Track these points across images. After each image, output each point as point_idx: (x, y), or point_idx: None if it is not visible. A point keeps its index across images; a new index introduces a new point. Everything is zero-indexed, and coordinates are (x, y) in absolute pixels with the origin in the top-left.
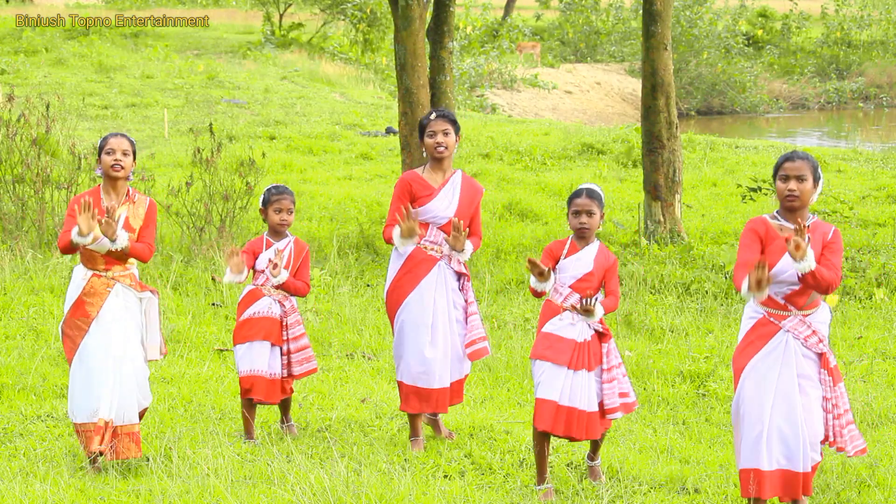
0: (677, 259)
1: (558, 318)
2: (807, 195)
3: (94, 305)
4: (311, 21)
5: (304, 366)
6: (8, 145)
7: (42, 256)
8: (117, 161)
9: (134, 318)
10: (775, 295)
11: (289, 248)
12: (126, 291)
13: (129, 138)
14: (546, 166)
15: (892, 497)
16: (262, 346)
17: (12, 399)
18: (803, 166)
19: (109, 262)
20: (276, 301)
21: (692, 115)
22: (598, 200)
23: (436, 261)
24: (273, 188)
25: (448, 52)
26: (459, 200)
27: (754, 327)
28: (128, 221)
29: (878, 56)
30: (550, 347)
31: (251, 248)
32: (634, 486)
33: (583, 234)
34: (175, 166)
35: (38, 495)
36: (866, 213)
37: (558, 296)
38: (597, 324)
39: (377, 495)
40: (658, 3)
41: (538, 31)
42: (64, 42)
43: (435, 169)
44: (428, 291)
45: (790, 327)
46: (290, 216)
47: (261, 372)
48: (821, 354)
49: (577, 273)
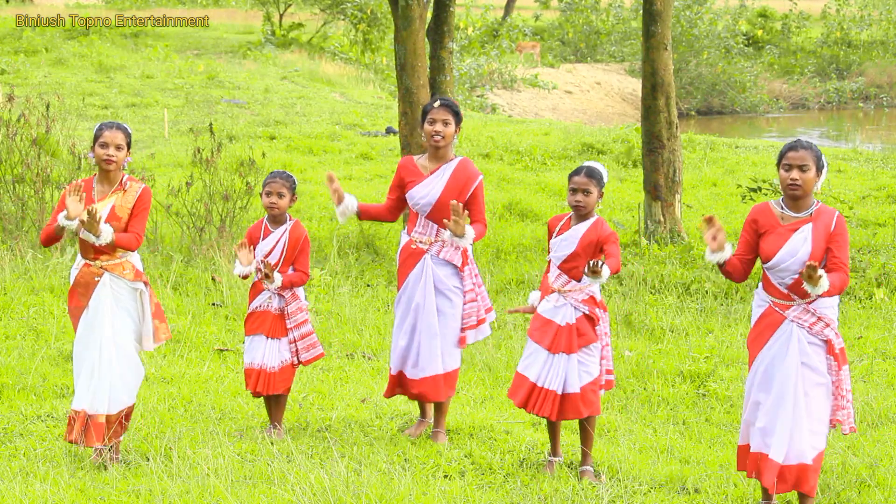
0: (677, 259)
1: (546, 300)
2: (809, 185)
3: (84, 295)
4: (311, 21)
5: (311, 352)
6: (8, 145)
7: (42, 256)
8: (109, 156)
9: (125, 308)
10: (779, 284)
11: (282, 240)
12: (115, 281)
13: (124, 129)
14: (546, 166)
15: (892, 497)
16: (259, 341)
17: (12, 399)
18: (806, 156)
19: (98, 251)
20: (274, 294)
21: (692, 115)
22: (596, 179)
23: (422, 254)
24: (271, 173)
25: (448, 52)
26: (445, 187)
27: (762, 317)
28: (114, 211)
29: (878, 56)
30: (538, 329)
31: (250, 234)
32: (634, 486)
33: (579, 212)
34: (175, 166)
35: (38, 495)
36: (866, 213)
37: (551, 275)
38: (582, 306)
39: (377, 495)
40: (658, 3)
41: (538, 31)
42: (64, 42)
43: (431, 156)
44: (411, 285)
45: (794, 317)
46: (282, 200)
47: (259, 365)
48: (826, 340)
49: (562, 254)
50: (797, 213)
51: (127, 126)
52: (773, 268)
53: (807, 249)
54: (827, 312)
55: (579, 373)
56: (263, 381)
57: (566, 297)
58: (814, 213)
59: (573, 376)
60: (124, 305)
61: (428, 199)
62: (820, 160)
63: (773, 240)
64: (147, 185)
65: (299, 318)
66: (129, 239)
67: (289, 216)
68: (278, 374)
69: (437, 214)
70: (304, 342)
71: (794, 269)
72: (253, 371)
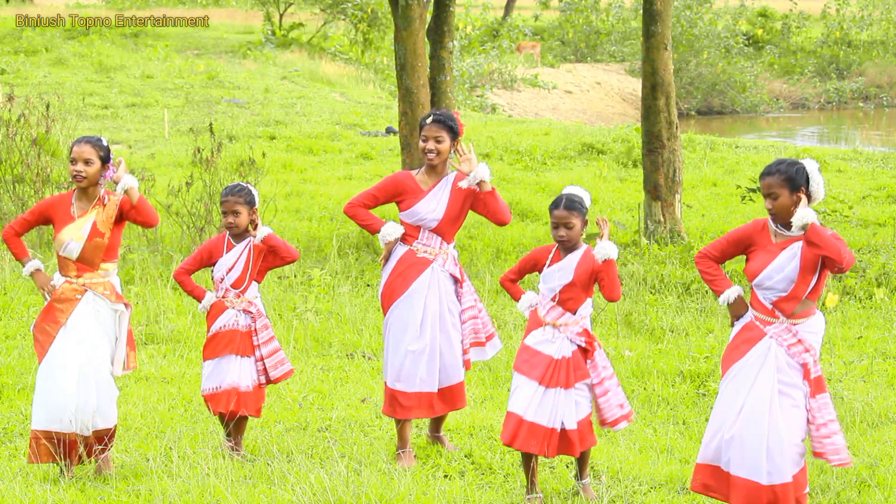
0: (677, 259)
1: (540, 331)
2: (782, 209)
3: (63, 312)
4: (312, 21)
5: (280, 369)
6: (8, 145)
7: (42, 256)
8: (78, 171)
9: (105, 328)
10: (764, 300)
11: (244, 253)
12: (97, 300)
13: (94, 143)
14: (546, 166)
15: (893, 497)
16: (230, 361)
17: (12, 399)
18: (773, 182)
19: (81, 268)
20: (240, 311)
21: (692, 115)
22: (577, 210)
23: (429, 263)
24: (226, 188)
25: (448, 52)
26: (449, 201)
27: (742, 330)
28: (95, 227)
29: (879, 56)
30: (527, 361)
31: (210, 249)
32: (634, 486)
33: (564, 246)
34: (175, 166)
35: (38, 495)
36: (866, 213)
37: (542, 308)
38: (578, 338)
39: (377, 495)
40: (658, 3)
41: (538, 31)
42: (64, 42)
43: (428, 171)
44: (419, 293)
45: (774, 333)
46: (239, 218)
47: (233, 385)
48: (803, 364)
49: (558, 284)
50: (789, 231)
51: (101, 139)
52: (759, 285)
53: (794, 266)
54: (809, 338)
55: (576, 408)
56: (238, 401)
57: (561, 331)
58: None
59: (570, 412)
60: (103, 326)
61: (435, 214)
62: (793, 181)
63: (762, 257)
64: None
65: (266, 335)
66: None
67: (250, 229)
68: (252, 393)
69: (442, 228)
70: (272, 359)
71: (780, 287)
72: (221, 393)
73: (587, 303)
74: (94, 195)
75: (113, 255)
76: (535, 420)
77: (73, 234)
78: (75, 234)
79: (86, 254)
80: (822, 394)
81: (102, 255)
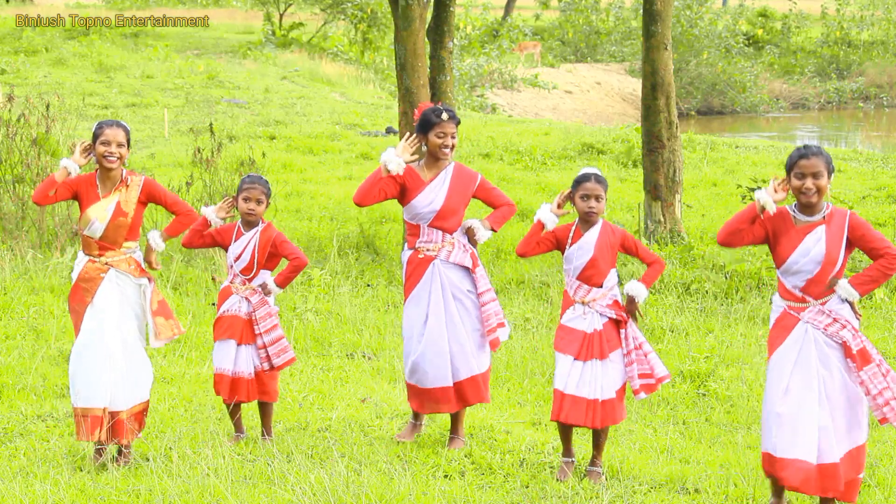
0: (677, 259)
1: (571, 310)
2: (823, 191)
3: (89, 291)
4: (312, 21)
5: (283, 356)
6: (8, 145)
7: (42, 256)
8: (111, 153)
9: (131, 303)
10: (792, 287)
11: (253, 241)
12: (121, 277)
13: (124, 127)
14: (546, 166)
15: (893, 497)
16: (226, 345)
17: (12, 399)
18: (818, 163)
19: (104, 247)
20: (243, 298)
21: (692, 115)
22: (604, 185)
23: (430, 260)
24: (247, 177)
25: (448, 52)
26: (448, 193)
27: (778, 320)
28: (119, 207)
29: (878, 56)
30: (563, 339)
31: (221, 234)
32: (634, 486)
33: (590, 218)
34: (175, 166)
35: (38, 495)
36: (866, 213)
37: (569, 288)
38: (609, 311)
39: (377, 495)
40: (658, 3)
41: (538, 31)
42: (64, 42)
43: (430, 165)
44: (422, 291)
45: (809, 318)
46: (260, 206)
47: (225, 370)
48: (843, 343)
49: (580, 262)
50: (810, 216)
51: (126, 124)
52: (787, 270)
53: (820, 249)
54: (842, 313)
55: (612, 378)
56: (244, 390)
57: (591, 306)
58: (826, 215)
59: (609, 381)
60: (129, 302)
61: (432, 206)
62: (830, 164)
63: (786, 242)
64: (147, 176)
65: (268, 323)
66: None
67: (261, 219)
68: (255, 381)
69: (441, 221)
70: (274, 347)
71: (808, 269)
72: (225, 378)
73: (611, 274)
74: (116, 177)
75: (135, 234)
76: (576, 393)
77: (98, 213)
78: (100, 214)
79: (109, 233)
80: (869, 364)
81: (126, 234)
